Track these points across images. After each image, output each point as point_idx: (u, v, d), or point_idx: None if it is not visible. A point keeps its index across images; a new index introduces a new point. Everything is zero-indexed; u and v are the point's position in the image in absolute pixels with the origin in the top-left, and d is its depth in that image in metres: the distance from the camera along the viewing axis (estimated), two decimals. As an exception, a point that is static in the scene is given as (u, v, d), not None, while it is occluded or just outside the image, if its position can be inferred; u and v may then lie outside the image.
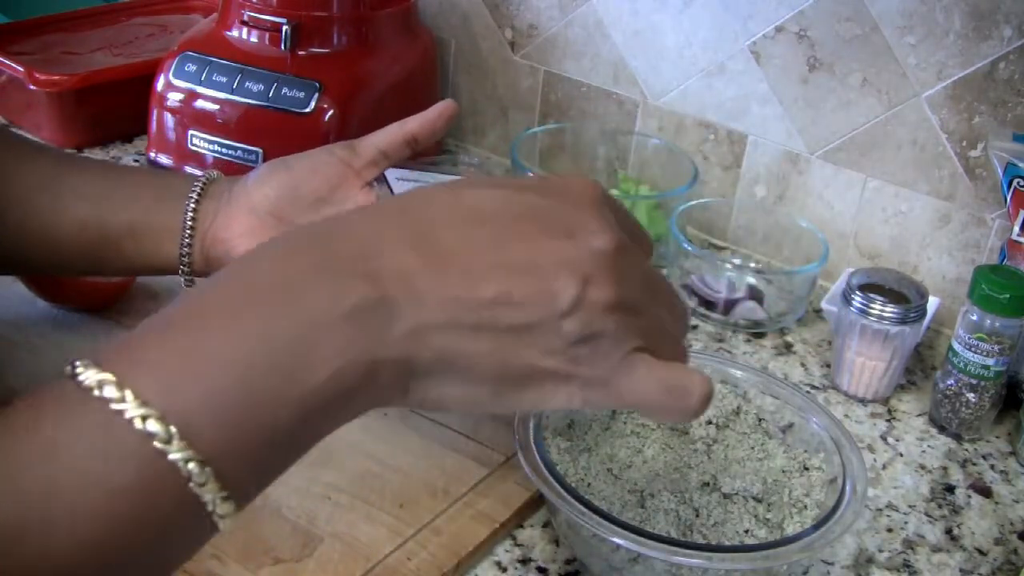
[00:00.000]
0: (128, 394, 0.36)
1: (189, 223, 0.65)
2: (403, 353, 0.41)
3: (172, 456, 0.36)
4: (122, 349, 0.38)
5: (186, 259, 0.66)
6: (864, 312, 0.78)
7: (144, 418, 0.36)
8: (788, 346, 0.88)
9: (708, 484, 0.63)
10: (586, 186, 0.46)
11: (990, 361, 0.75)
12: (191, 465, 0.36)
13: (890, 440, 0.78)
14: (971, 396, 0.76)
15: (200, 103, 0.96)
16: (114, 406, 0.36)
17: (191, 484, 0.36)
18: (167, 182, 0.69)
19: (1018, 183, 0.80)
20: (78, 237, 0.65)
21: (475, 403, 0.44)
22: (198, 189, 0.66)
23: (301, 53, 0.97)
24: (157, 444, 0.36)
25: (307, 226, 0.43)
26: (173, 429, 0.36)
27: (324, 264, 0.40)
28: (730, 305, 0.88)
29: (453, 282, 0.41)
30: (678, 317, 0.48)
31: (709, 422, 0.67)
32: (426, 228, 0.42)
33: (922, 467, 0.75)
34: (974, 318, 0.74)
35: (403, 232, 0.42)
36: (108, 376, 0.36)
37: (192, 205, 0.65)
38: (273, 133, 0.94)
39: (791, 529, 0.60)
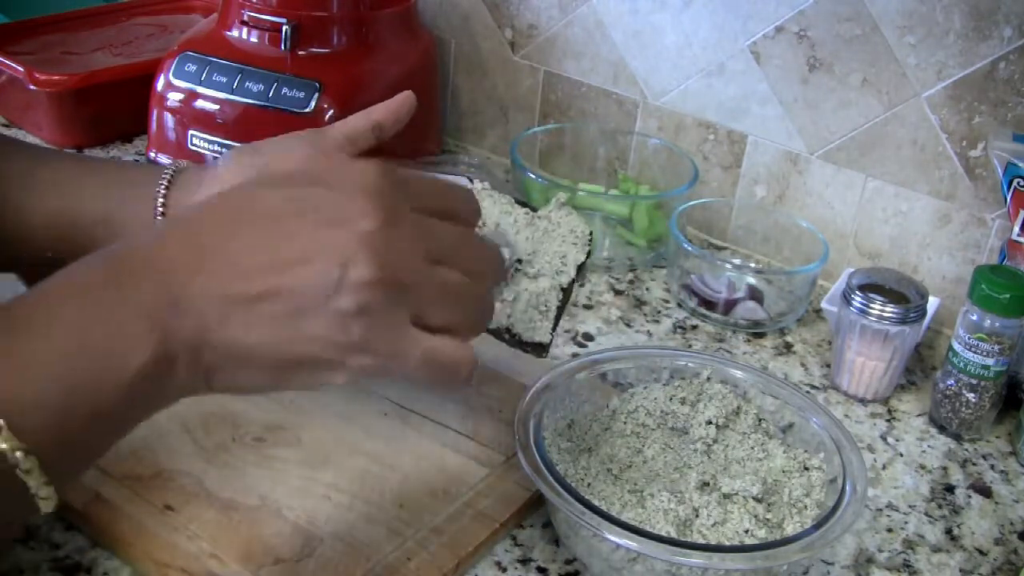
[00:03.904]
0: None
1: (159, 212, 0.66)
2: (192, 349, 0.45)
3: (1, 446, 0.41)
4: None
5: None
6: (864, 312, 0.78)
7: None
8: (788, 346, 0.88)
9: (708, 484, 0.63)
10: (360, 171, 0.48)
11: (990, 361, 0.75)
12: (18, 454, 0.41)
13: (890, 440, 0.78)
14: (971, 396, 0.76)
15: (200, 103, 0.96)
16: None
17: (18, 471, 0.41)
18: (138, 172, 0.69)
19: (1018, 183, 0.80)
20: (50, 229, 0.66)
21: (271, 386, 0.48)
22: (167, 179, 0.66)
23: (301, 53, 0.97)
24: None
25: (114, 246, 0.48)
26: (1, 421, 0.41)
27: (127, 273, 0.46)
28: (730, 305, 0.88)
29: (226, 284, 0.45)
30: (479, 276, 0.51)
31: (709, 422, 0.67)
32: (212, 236, 0.47)
33: (922, 467, 0.75)
34: (974, 318, 0.74)
35: (192, 241, 0.47)
36: None
37: (162, 191, 0.66)
38: (273, 133, 0.93)
39: (791, 529, 0.60)
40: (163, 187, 0.66)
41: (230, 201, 0.49)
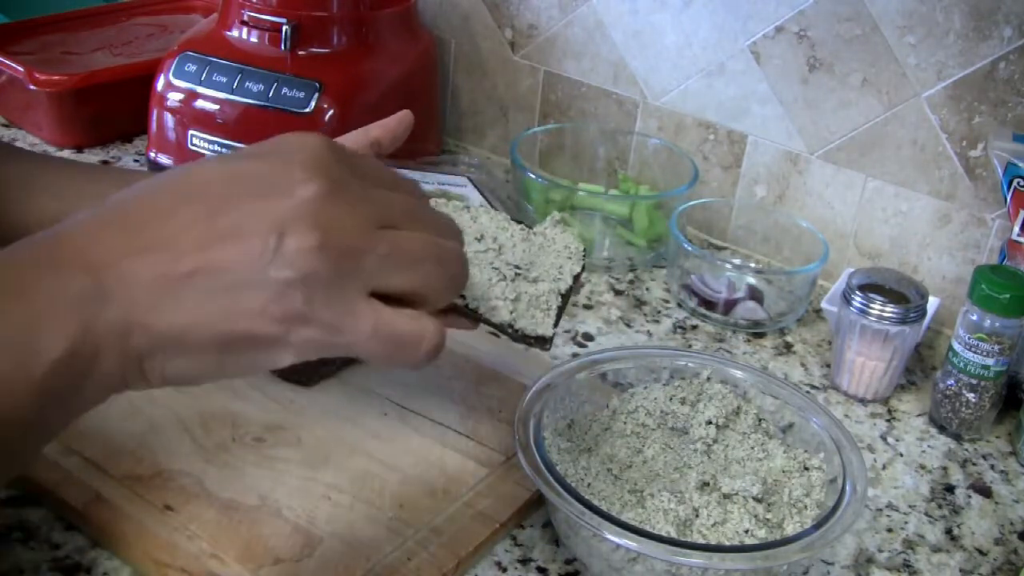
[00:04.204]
0: None
1: None
2: (120, 336, 0.42)
3: None
4: None
5: None
6: (864, 312, 0.78)
7: None
8: (788, 346, 0.88)
9: (708, 484, 0.63)
10: (301, 141, 0.47)
11: (990, 361, 0.75)
12: None
13: (890, 440, 0.78)
14: (971, 396, 0.76)
15: (200, 103, 0.96)
16: None
17: None
18: (138, 178, 0.69)
19: (1018, 183, 0.80)
20: None
21: (213, 373, 0.45)
22: None
23: (301, 53, 0.97)
24: None
25: (41, 233, 0.45)
26: None
27: (48, 260, 0.43)
28: (730, 305, 0.88)
29: (157, 264, 0.43)
30: (441, 233, 0.48)
31: (709, 422, 0.67)
32: (142, 215, 0.44)
33: (922, 467, 0.75)
34: (974, 318, 0.74)
35: (121, 222, 0.44)
36: None
37: None
38: (273, 133, 0.92)
39: (791, 529, 0.60)
40: None
41: (166, 178, 0.46)
